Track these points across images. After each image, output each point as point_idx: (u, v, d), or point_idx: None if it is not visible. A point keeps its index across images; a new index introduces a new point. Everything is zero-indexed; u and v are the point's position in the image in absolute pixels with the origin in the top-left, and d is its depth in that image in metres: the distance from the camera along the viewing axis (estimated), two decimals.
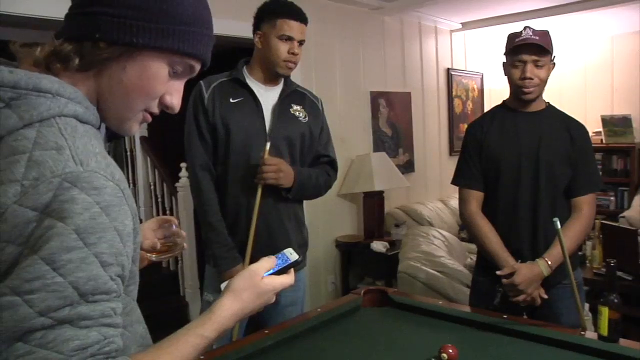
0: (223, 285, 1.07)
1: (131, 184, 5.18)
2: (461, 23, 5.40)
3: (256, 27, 2.20)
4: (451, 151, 5.47)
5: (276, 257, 1.12)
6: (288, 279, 1.12)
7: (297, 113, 2.27)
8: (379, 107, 4.65)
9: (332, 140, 2.44)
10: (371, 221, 4.34)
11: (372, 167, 4.18)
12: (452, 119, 5.54)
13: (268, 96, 2.24)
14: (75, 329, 0.76)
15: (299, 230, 2.32)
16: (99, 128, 0.94)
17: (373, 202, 4.32)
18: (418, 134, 5.13)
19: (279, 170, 2.11)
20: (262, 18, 2.18)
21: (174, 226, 1.34)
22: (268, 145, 2.09)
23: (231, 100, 2.17)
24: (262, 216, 2.17)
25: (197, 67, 0.97)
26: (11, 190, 0.76)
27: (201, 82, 2.20)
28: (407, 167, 4.96)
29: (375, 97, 4.61)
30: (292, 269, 1.14)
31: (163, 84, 0.93)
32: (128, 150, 5.37)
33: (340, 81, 4.32)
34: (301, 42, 2.18)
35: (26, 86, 0.82)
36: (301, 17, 2.16)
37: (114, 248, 0.81)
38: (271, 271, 1.10)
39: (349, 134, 4.39)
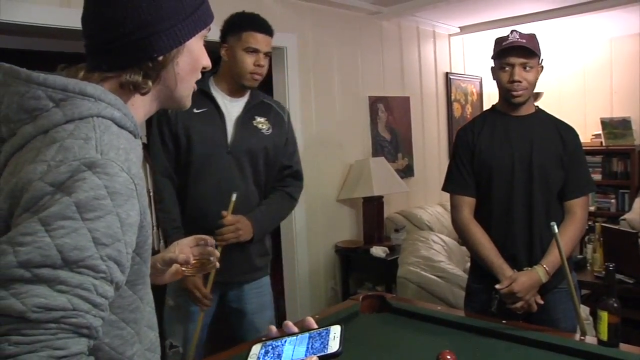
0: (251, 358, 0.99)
1: None
2: (459, 27, 5.39)
3: (222, 39, 2.23)
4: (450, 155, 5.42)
5: (318, 335, 0.97)
6: None
7: (260, 125, 2.29)
8: (377, 112, 4.64)
9: (299, 151, 2.48)
10: (371, 226, 4.32)
11: (371, 172, 4.17)
12: (451, 123, 5.54)
13: (232, 108, 2.27)
14: (49, 289, 0.79)
15: (260, 242, 2.33)
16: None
17: (372, 207, 4.30)
18: (417, 139, 5.12)
19: (237, 229, 2.15)
20: (228, 31, 2.22)
21: (209, 245, 1.41)
22: (234, 196, 2.12)
23: (195, 110, 2.18)
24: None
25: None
26: (39, 169, 0.85)
27: None
28: (407, 172, 4.94)
29: (374, 102, 4.60)
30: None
31: (204, 54, 1.08)
32: None
33: (339, 86, 4.31)
34: (267, 54, 2.21)
35: (73, 90, 0.93)
36: (266, 30, 2.21)
37: (111, 230, 0.85)
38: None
39: (348, 139, 4.38)
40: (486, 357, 1.70)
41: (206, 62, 1.09)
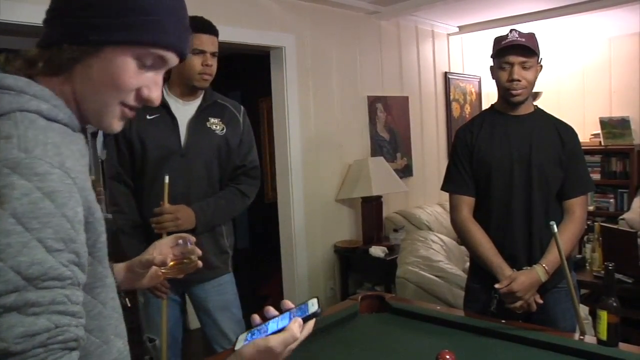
0: (238, 346, 0.99)
1: None
2: (458, 27, 5.39)
3: None
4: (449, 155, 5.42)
5: (298, 309, 1.04)
6: (305, 331, 1.00)
7: (213, 126, 2.31)
8: (376, 112, 4.64)
9: (256, 148, 2.48)
10: (370, 226, 4.32)
11: (370, 172, 4.16)
12: (450, 122, 5.53)
13: (185, 111, 2.29)
14: (22, 316, 0.74)
15: (213, 240, 2.34)
16: (81, 131, 0.96)
17: (371, 207, 4.30)
18: (416, 138, 5.12)
19: (176, 218, 2.14)
20: None
21: (189, 244, 1.36)
22: (167, 179, 2.13)
23: (147, 117, 2.22)
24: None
25: (170, 56, 0.96)
26: None
27: None
28: (406, 172, 4.94)
29: (373, 101, 4.60)
30: (312, 320, 1.02)
31: (133, 77, 0.93)
32: None
33: (337, 86, 4.31)
34: (214, 54, 2.24)
35: None
36: (210, 30, 2.24)
37: (62, 234, 0.79)
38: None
39: (347, 139, 4.38)
40: (485, 357, 1.70)
41: (147, 93, 0.95)
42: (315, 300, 1.04)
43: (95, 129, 1.00)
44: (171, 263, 1.33)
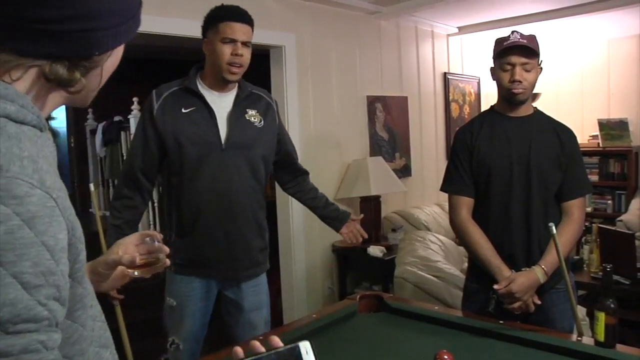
0: None
1: None
2: (458, 27, 5.39)
3: (203, 35, 2.21)
4: (448, 155, 5.42)
5: (287, 351, 0.92)
6: None
7: (252, 118, 2.26)
8: (375, 112, 4.64)
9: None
10: (368, 226, 4.29)
11: (369, 172, 4.17)
12: (449, 123, 5.54)
13: (222, 102, 2.22)
14: None
15: (260, 235, 2.32)
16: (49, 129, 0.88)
17: (370, 206, 4.30)
18: (415, 139, 5.12)
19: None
20: (207, 25, 2.19)
21: (156, 242, 1.29)
22: (92, 186, 2.16)
23: (183, 111, 2.16)
24: (219, 222, 2.19)
25: None
26: None
27: (153, 91, 2.20)
28: (404, 172, 4.95)
29: (372, 101, 4.60)
30: None
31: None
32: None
33: (337, 85, 4.31)
34: (246, 44, 2.15)
35: None
36: (243, 18, 2.15)
37: (41, 266, 0.69)
38: None
39: (346, 139, 4.38)
40: (483, 357, 1.70)
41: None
42: (308, 345, 0.93)
43: (94, 126, 0.97)
44: (139, 262, 1.24)
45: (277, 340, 0.94)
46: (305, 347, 0.92)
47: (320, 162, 4.14)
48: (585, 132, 5.60)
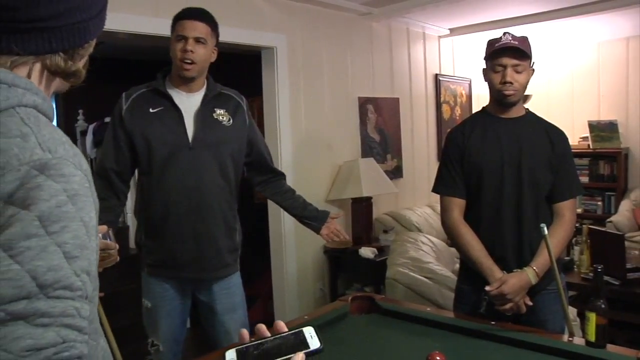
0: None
1: None
2: (449, 29, 5.41)
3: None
4: (439, 157, 5.44)
5: (292, 335, 0.96)
6: None
7: (220, 117, 2.27)
8: (367, 113, 4.64)
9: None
10: (359, 227, 4.32)
11: (360, 173, 4.17)
12: (441, 124, 5.55)
13: (190, 102, 2.24)
14: (30, 326, 0.69)
15: (229, 236, 2.32)
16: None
17: (361, 208, 4.30)
18: (406, 140, 5.13)
19: None
20: (171, 27, 2.23)
21: (109, 238, 1.27)
22: None
23: (150, 110, 2.18)
24: (187, 222, 2.20)
25: None
26: None
27: (123, 93, 2.24)
28: (396, 173, 4.95)
29: (363, 102, 4.61)
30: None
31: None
32: None
33: (328, 87, 4.31)
34: (197, 40, 2.16)
35: None
36: (194, 15, 2.18)
37: (79, 239, 0.75)
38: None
39: (337, 140, 4.38)
40: (475, 358, 1.70)
41: None
42: (312, 330, 0.97)
43: (85, 127, 0.99)
44: None
45: (282, 325, 0.99)
46: (309, 331, 0.96)
47: (311, 163, 4.14)
48: (575, 134, 5.64)
